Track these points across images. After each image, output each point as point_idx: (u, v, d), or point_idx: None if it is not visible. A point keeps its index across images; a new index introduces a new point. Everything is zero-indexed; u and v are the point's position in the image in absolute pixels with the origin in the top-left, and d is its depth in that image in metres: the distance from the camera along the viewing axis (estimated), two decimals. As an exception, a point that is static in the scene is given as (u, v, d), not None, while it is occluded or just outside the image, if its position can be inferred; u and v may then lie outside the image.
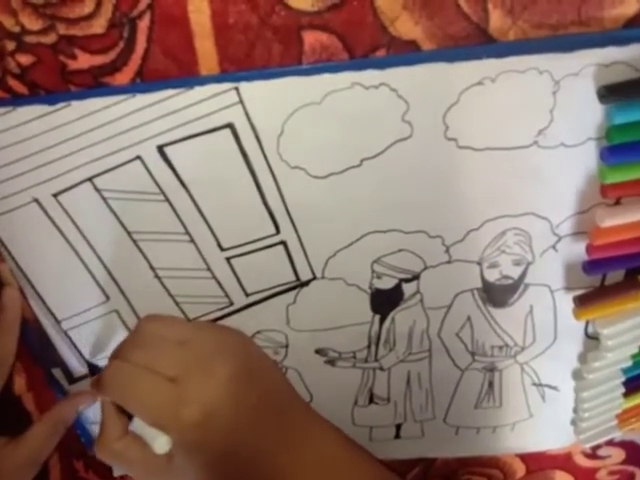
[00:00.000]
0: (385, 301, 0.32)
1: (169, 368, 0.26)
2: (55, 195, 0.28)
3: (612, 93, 0.25)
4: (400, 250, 0.30)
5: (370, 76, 0.24)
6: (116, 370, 0.27)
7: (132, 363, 0.26)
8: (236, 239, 0.29)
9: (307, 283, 0.31)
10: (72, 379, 0.35)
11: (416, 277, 0.31)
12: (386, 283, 0.31)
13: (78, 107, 0.25)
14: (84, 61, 0.25)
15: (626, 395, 0.34)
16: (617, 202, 0.28)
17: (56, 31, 0.24)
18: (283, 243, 0.29)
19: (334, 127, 0.25)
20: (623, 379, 0.33)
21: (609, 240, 0.28)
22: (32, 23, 0.24)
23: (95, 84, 0.25)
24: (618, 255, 0.29)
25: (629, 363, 0.33)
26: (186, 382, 0.26)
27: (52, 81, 0.25)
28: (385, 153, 0.26)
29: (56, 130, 0.26)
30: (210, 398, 0.26)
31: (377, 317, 0.32)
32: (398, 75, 0.24)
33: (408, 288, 0.31)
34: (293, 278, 0.31)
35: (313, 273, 0.31)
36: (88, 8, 0.24)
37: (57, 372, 0.35)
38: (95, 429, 0.37)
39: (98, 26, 0.24)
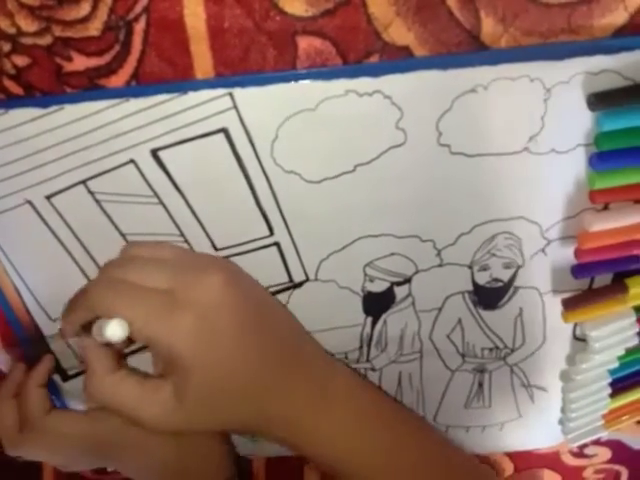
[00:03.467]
0: (377, 303, 0.32)
1: (160, 281, 0.25)
2: (48, 197, 0.28)
3: (601, 101, 0.25)
4: (392, 254, 0.30)
5: (364, 83, 0.24)
6: (103, 283, 0.25)
7: (120, 279, 0.25)
8: (230, 240, 0.29)
9: (300, 285, 0.31)
10: (66, 376, 0.35)
11: (408, 280, 0.31)
12: (378, 286, 0.31)
13: (72, 110, 0.25)
14: (80, 63, 0.25)
15: (612, 396, 0.35)
16: (605, 207, 0.29)
17: (52, 33, 0.24)
18: (277, 244, 0.30)
19: (328, 133, 0.26)
20: (610, 380, 0.34)
21: (597, 244, 0.29)
22: (28, 25, 0.24)
23: (91, 86, 0.25)
24: (606, 259, 0.29)
25: (616, 364, 0.33)
26: (178, 289, 0.24)
27: (48, 83, 0.25)
28: (379, 159, 0.27)
29: (49, 133, 0.26)
30: (204, 300, 0.24)
31: (369, 319, 0.33)
32: (392, 82, 0.24)
33: (400, 291, 0.32)
34: (286, 279, 0.31)
35: (306, 275, 0.31)
36: (84, 10, 0.24)
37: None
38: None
39: (94, 29, 0.24)
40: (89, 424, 0.30)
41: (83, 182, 0.27)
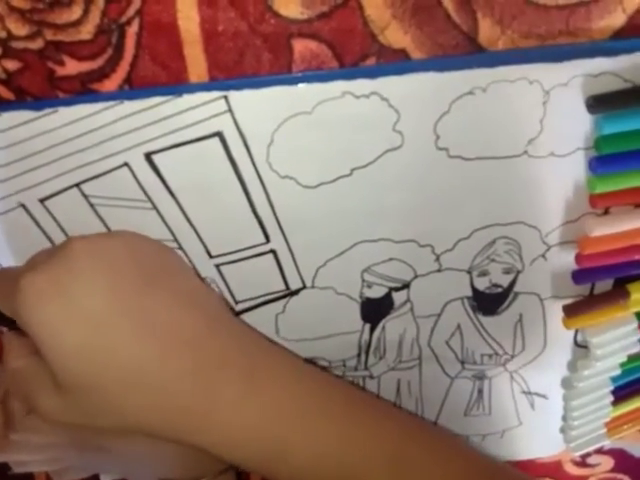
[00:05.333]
0: (375, 310, 0.32)
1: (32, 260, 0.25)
2: (42, 200, 0.28)
3: (600, 103, 0.25)
4: (390, 259, 0.30)
5: (361, 85, 0.24)
6: None
7: None
8: (225, 247, 0.29)
9: (297, 292, 0.31)
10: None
11: (406, 286, 0.31)
12: (376, 292, 0.31)
13: (65, 113, 0.25)
14: (72, 67, 0.24)
15: (615, 403, 0.34)
16: (606, 212, 0.28)
17: (43, 37, 0.24)
18: (273, 252, 0.29)
19: (325, 136, 0.25)
20: (612, 388, 0.34)
21: (598, 249, 0.29)
22: (19, 28, 0.24)
23: (83, 90, 0.25)
24: (607, 264, 0.29)
25: (618, 372, 0.33)
26: (35, 261, 0.24)
27: (39, 87, 0.25)
28: (376, 162, 0.26)
29: (43, 136, 0.26)
30: (58, 264, 0.23)
31: (367, 326, 0.32)
32: (389, 84, 0.24)
33: (398, 297, 0.31)
34: (283, 287, 0.31)
35: (303, 282, 0.30)
36: (76, 14, 0.23)
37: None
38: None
39: (86, 32, 0.24)
40: None
41: (77, 185, 0.27)
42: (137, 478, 0.35)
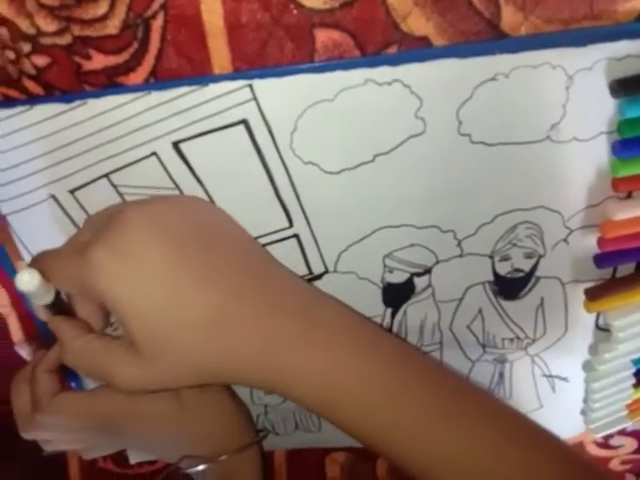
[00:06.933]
0: (397, 295, 0.32)
1: (81, 236, 0.26)
2: (72, 191, 0.28)
3: (624, 87, 0.25)
4: (412, 245, 0.30)
5: (383, 72, 0.24)
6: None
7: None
8: (250, 231, 0.30)
9: (320, 276, 0.31)
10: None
11: (428, 271, 0.31)
12: (398, 277, 0.31)
13: (94, 105, 0.25)
14: (98, 62, 0.25)
15: (636, 386, 0.35)
16: (629, 195, 0.28)
17: (71, 32, 0.24)
18: (296, 236, 0.30)
19: (347, 123, 0.26)
20: (633, 370, 0.34)
21: (620, 233, 0.29)
22: (47, 25, 0.24)
23: (109, 84, 0.25)
24: (629, 248, 0.29)
25: (639, 354, 0.33)
26: (92, 235, 0.25)
27: (67, 82, 0.26)
28: (398, 149, 0.26)
29: (72, 128, 0.26)
30: (115, 235, 0.23)
31: (389, 310, 0.33)
32: (411, 71, 0.24)
33: (420, 282, 0.31)
34: (306, 271, 0.31)
35: (325, 267, 0.31)
36: (102, 9, 0.24)
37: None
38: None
39: (112, 27, 0.24)
40: (93, 401, 0.30)
41: (106, 175, 0.28)
42: (160, 455, 0.36)
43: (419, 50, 0.24)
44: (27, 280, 0.23)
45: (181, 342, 0.24)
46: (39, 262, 0.26)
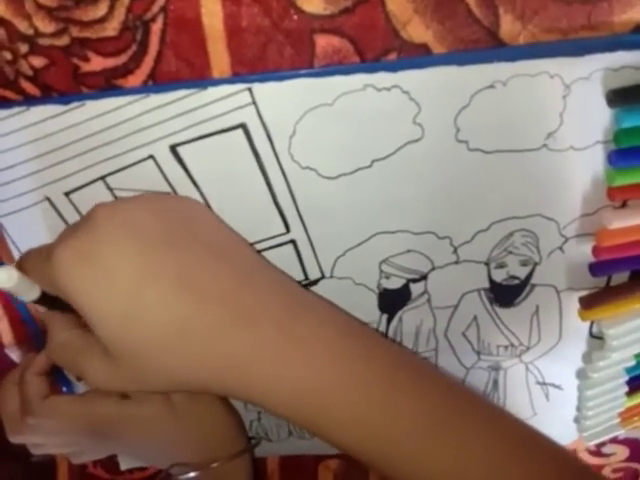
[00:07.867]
0: (393, 301, 0.32)
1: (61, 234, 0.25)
2: (67, 194, 0.28)
3: (620, 97, 0.25)
4: (408, 251, 0.30)
5: (382, 78, 0.24)
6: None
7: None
8: (247, 237, 0.30)
9: (316, 282, 0.31)
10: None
11: (424, 277, 0.31)
12: (394, 283, 0.31)
13: (92, 107, 0.25)
14: (97, 64, 0.25)
15: (629, 394, 0.35)
16: (624, 204, 0.29)
17: (69, 34, 0.24)
18: (293, 242, 0.30)
19: (345, 128, 0.26)
20: (626, 378, 0.34)
21: (615, 242, 0.29)
22: (46, 26, 0.24)
23: (107, 86, 0.25)
24: (624, 257, 0.29)
25: (632, 363, 0.33)
26: (62, 234, 0.24)
27: (65, 83, 0.25)
28: (396, 155, 0.26)
29: (69, 130, 0.26)
30: (83, 236, 0.23)
31: (384, 316, 0.33)
32: (410, 78, 0.24)
33: (416, 288, 0.32)
34: (302, 277, 0.31)
35: (322, 272, 0.31)
36: (101, 11, 0.24)
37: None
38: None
39: (111, 29, 0.24)
40: (83, 404, 0.30)
41: (102, 178, 0.28)
42: (151, 462, 0.36)
43: (418, 57, 0.24)
44: (4, 279, 0.22)
45: (148, 347, 0.23)
46: (21, 260, 0.26)
